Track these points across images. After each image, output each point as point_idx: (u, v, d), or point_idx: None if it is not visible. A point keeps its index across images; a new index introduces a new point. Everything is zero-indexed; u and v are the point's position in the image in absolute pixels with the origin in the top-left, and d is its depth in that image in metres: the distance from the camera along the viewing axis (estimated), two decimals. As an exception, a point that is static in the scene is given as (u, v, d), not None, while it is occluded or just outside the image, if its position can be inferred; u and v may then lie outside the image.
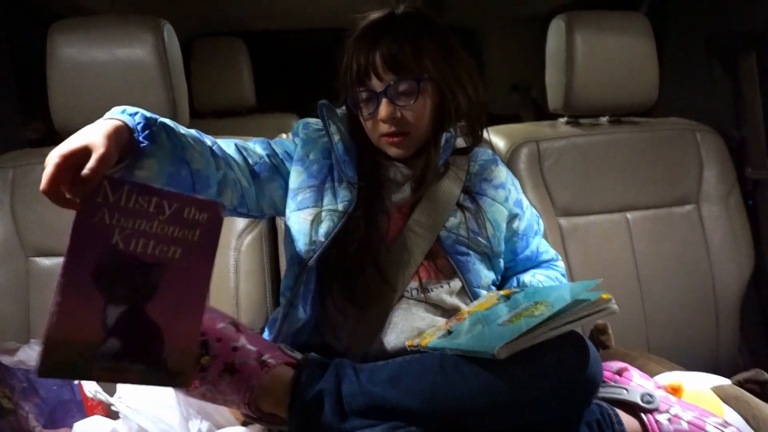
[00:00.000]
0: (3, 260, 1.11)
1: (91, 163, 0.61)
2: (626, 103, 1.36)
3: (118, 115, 0.71)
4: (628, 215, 1.33)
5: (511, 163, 1.30)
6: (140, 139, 0.70)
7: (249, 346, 0.75)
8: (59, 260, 1.13)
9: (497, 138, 1.36)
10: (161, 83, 1.13)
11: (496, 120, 1.52)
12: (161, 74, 1.13)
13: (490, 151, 1.06)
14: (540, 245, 1.06)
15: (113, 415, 0.86)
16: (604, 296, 0.71)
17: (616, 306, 0.72)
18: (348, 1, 1.52)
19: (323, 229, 0.89)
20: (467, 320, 0.84)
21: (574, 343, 0.70)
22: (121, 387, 0.82)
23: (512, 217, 1.01)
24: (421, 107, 0.91)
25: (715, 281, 1.31)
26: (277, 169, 0.94)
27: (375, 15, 0.94)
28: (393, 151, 0.93)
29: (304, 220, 0.90)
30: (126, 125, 0.70)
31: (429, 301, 0.92)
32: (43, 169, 0.59)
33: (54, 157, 0.62)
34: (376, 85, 0.90)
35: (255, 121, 2.14)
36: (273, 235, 1.22)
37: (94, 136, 0.64)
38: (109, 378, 0.62)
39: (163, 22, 1.16)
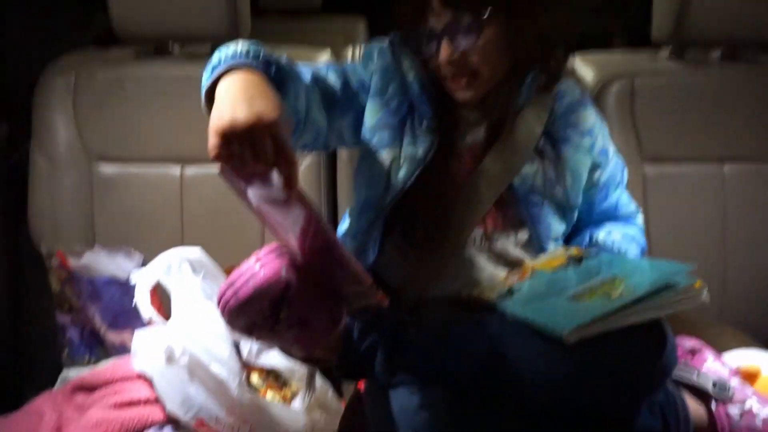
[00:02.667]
0: (67, 165, 1.12)
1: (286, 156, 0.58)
2: (750, 33, 1.15)
3: (251, 62, 0.67)
4: (726, 167, 1.18)
5: (599, 100, 1.16)
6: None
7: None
8: (122, 167, 1.13)
9: (586, 68, 1.22)
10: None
11: (583, 43, 1.35)
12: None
13: (578, 90, 0.94)
14: (621, 198, 0.97)
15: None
16: (697, 284, 0.63)
17: (707, 296, 0.64)
18: None
19: (402, 174, 0.83)
20: (531, 280, 0.79)
21: (650, 330, 0.63)
22: (176, 313, 0.83)
23: (595, 166, 0.92)
24: (488, 46, 0.79)
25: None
26: (351, 102, 0.86)
27: None
28: (460, 95, 0.83)
29: (382, 163, 0.84)
30: (263, 74, 0.66)
31: (493, 251, 0.86)
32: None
33: (223, 136, 0.58)
34: (434, 22, 0.79)
35: (320, 23, 2.02)
36: (332, 162, 1.16)
37: (263, 103, 0.60)
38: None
39: None
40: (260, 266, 0.63)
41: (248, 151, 0.57)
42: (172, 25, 1.12)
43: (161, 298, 0.88)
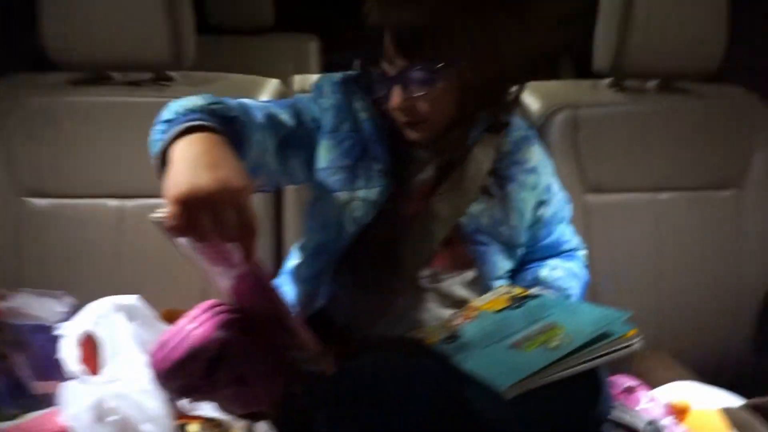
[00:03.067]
0: (-7, 200, 1.06)
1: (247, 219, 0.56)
2: (684, 67, 1.20)
3: (208, 120, 0.63)
4: (661, 196, 1.23)
5: (543, 131, 1.18)
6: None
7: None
8: (55, 202, 1.07)
9: (532, 98, 1.24)
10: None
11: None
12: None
13: (524, 125, 0.95)
14: (564, 233, 0.98)
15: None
16: (631, 332, 0.64)
17: (640, 343, 0.65)
18: None
19: (356, 217, 0.82)
20: (474, 322, 0.79)
21: (585, 379, 0.64)
22: (107, 365, 0.79)
23: (539, 204, 0.93)
24: (440, 94, 0.78)
25: (743, 279, 1.22)
26: (303, 142, 0.84)
27: None
28: (411, 136, 0.83)
29: (336, 206, 0.83)
30: (221, 134, 0.63)
31: (439, 291, 0.86)
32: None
33: (183, 204, 0.54)
34: (387, 66, 0.78)
35: (272, 42, 1.99)
36: (277, 193, 1.14)
37: (227, 169, 0.57)
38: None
39: None
40: (193, 326, 0.60)
41: (209, 222, 0.54)
42: (111, 53, 1.07)
43: (94, 349, 0.84)
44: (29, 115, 1.08)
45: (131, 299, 0.82)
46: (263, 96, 1.17)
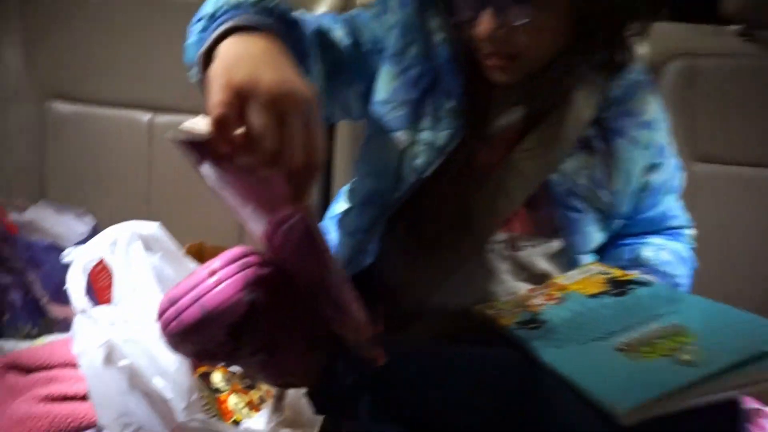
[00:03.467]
0: (15, 102, 0.93)
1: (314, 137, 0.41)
2: None
3: (265, 19, 0.49)
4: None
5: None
6: None
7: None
8: (81, 108, 0.95)
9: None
10: None
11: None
12: None
13: (640, 67, 0.76)
14: (671, 207, 0.81)
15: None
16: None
17: None
18: None
19: (417, 164, 0.67)
20: (562, 306, 0.63)
21: (724, 406, 0.48)
22: (118, 301, 0.67)
23: (650, 167, 0.75)
24: (547, 27, 0.61)
25: None
26: (361, 67, 0.68)
27: None
28: (495, 76, 0.65)
29: (394, 149, 0.68)
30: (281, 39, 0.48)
31: (516, 261, 0.71)
32: None
33: (236, 94, 0.40)
34: None
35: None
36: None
37: (292, 74, 0.42)
38: None
39: None
40: (214, 282, 0.47)
41: (267, 125, 0.39)
42: None
43: (107, 280, 0.73)
44: (53, 6, 0.94)
45: (152, 227, 0.70)
46: (320, 8, 1.00)
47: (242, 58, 0.43)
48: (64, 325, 0.86)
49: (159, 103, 0.94)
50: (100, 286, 0.73)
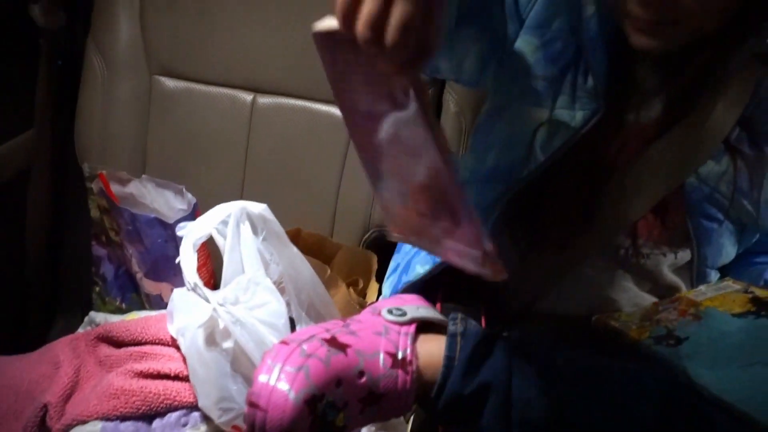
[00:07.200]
0: (126, 71, 0.95)
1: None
2: None
3: None
4: None
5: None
6: None
7: (370, 354, 0.49)
8: (186, 85, 0.95)
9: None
10: None
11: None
12: None
13: None
14: None
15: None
16: None
17: None
18: None
19: (550, 144, 0.62)
20: (701, 323, 0.57)
21: None
22: (226, 281, 0.66)
23: None
24: None
25: None
26: (493, 26, 0.63)
27: None
28: (639, 41, 0.56)
29: (527, 123, 0.63)
30: None
31: (640, 269, 0.65)
32: None
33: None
34: None
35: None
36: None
37: None
38: None
39: None
40: (269, 394, 0.43)
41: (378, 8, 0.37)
42: None
43: (211, 257, 0.72)
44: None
45: (260, 207, 0.68)
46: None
47: None
48: (158, 302, 0.86)
49: (261, 85, 0.92)
50: (203, 266, 0.72)
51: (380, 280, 0.81)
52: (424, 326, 0.54)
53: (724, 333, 0.54)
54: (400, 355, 0.49)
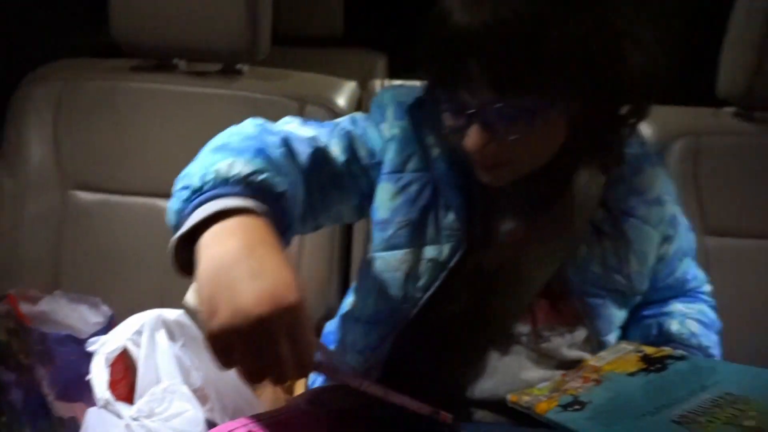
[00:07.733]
0: (38, 190, 0.95)
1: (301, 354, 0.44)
2: None
3: (249, 203, 0.49)
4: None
5: (659, 160, 1.01)
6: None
7: None
8: (103, 197, 0.96)
9: (644, 123, 1.07)
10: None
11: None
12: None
13: (638, 142, 0.74)
14: (688, 269, 0.79)
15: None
16: None
17: None
18: None
19: (422, 283, 0.66)
20: (602, 386, 0.61)
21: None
22: (141, 394, 0.65)
23: (663, 240, 0.74)
24: (537, 139, 0.59)
25: None
26: (356, 183, 0.67)
27: None
28: (483, 177, 0.63)
29: (397, 269, 0.66)
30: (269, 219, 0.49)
31: (542, 352, 0.68)
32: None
33: (222, 342, 0.43)
34: (466, 94, 0.57)
35: (339, 56, 1.89)
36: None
37: (273, 277, 0.44)
38: None
39: None
40: None
41: (255, 360, 0.44)
42: (183, 40, 0.98)
43: (129, 371, 0.70)
44: (85, 99, 0.99)
45: (176, 313, 0.69)
46: (339, 99, 1.05)
47: (221, 274, 0.44)
48: (70, 425, 0.81)
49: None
50: (118, 381, 0.70)
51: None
52: None
53: (620, 392, 0.58)
54: None
